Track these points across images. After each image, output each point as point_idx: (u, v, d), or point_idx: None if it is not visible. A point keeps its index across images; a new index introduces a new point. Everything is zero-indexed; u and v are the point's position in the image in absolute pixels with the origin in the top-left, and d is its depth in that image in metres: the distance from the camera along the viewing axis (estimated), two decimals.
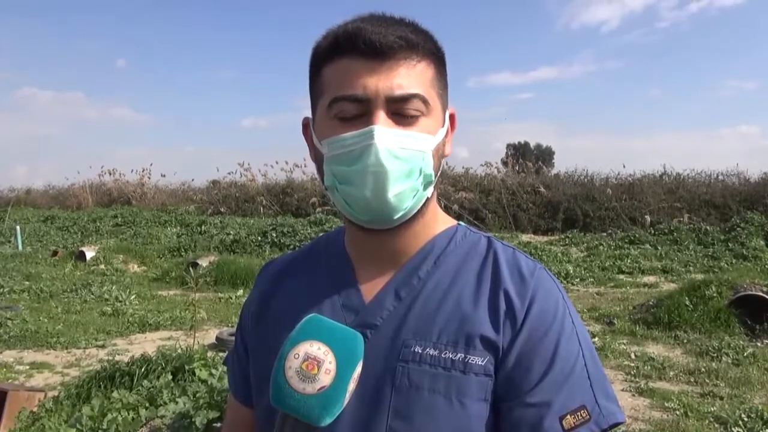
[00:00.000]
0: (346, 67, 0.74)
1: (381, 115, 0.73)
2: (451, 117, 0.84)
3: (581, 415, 0.72)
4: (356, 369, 0.68)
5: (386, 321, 0.78)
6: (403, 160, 0.73)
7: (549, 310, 0.77)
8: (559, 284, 0.81)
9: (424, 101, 0.75)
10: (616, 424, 0.74)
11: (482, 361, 0.74)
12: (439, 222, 0.86)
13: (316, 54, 0.79)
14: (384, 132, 0.72)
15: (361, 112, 0.74)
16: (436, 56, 0.79)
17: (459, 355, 0.74)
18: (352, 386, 0.68)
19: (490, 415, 0.74)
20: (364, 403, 0.75)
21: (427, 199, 0.79)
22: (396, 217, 0.75)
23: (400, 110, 0.74)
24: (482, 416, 0.73)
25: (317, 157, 0.80)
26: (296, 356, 0.66)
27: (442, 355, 0.74)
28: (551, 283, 0.80)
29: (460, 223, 0.89)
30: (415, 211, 0.78)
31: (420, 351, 0.75)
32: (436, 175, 0.78)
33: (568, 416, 0.71)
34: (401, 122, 0.74)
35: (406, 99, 0.74)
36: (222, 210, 19.77)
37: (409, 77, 0.74)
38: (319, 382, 0.65)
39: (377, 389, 0.75)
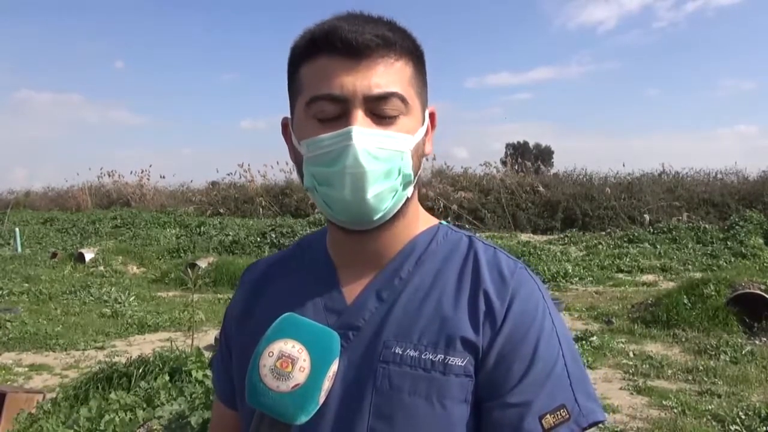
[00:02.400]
0: (323, 66, 0.74)
1: (359, 115, 0.72)
2: (431, 115, 0.83)
3: (561, 414, 0.72)
4: (331, 367, 0.68)
5: (368, 322, 0.78)
6: (382, 161, 0.72)
7: (529, 311, 0.76)
8: (540, 284, 0.81)
9: (403, 100, 0.75)
10: (596, 423, 0.74)
11: (462, 362, 0.73)
12: (421, 222, 0.85)
13: (293, 53, 0.79)
14: (362, 132, 0.71)
15: (339, 112, 0.73)
16: (414, 55, 0.78)
17: (439, 356, 0.73)
18: (327, 384, 0.68)
19: (470, 416, 0.74)
20: (345, 403, 0.75)
21: (408, 199, 0.79)
22: (375, 217, 0.75)
23: (378, 109, 0.74)
24: (463, 417, 0.73)
25: (297, 158, 0.79)
26: (270, 354, 0.67)
27: (422, 357, 0.74)
28: (532, 283, 0.79)
29: (442, 222, 0.89)
30: (395, 211, 0.77)
31: (400, 352, 0.74)
32: (415, 175, 0.77)
33: (548, 416, 0.71)
34: (380, 122, 0.74)
35: (384, 98, 0.73)
36: (221, 211, 19.79)
37: (386, 76, 0.74)
38: (293, 380, 0.65)
39: (359, 390, 0.75)
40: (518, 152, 32.07)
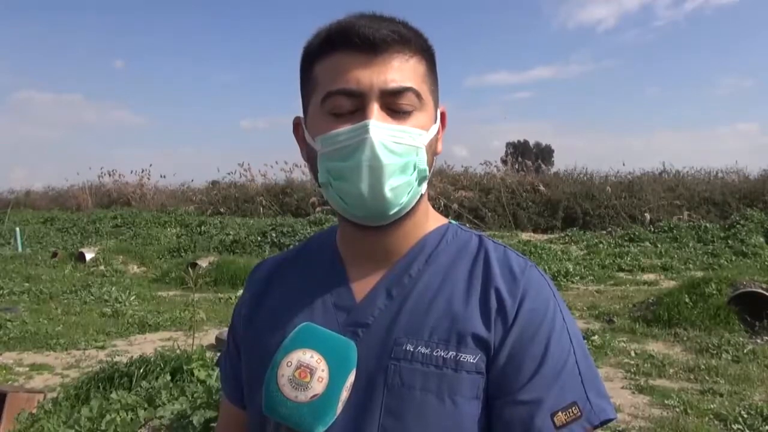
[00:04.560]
0: (339, 61, 0.74)
1: (375, 109, 0.72)
2: (442, 115, 0.83)
3: (572, 411, 0.72)
4: (349, 377, 0.68)
5: (378, 320, 0.78)
6: (398, 155, 0.73)
7: (540, 308, 0.76)
8: (550, 282, 0.81)
9: (418, 95, 0.75)
10: (608, 421, 0.74)
11: (474, 359, 0.73)
12: (431, 220, 0.85)
13: (307, 52, 0.79)
14: (379, 126, 0.72)
15: (355, 107, 0.73)
16: (427, 53, 0.79)
17: (450, 353, 0.73)
18: (345, 395, 0.68)
19: (482, 413, 0.74)
20: (356, 402, 0.74)
21: (421, 195, 0.79)
22: (392, 212, 0.75)
23: (394, 104, 0.74)
24: (474, 414, 0.73)
25: (310, 155, 0.79)
26: (289, 364, 0.66)
27: (434, 353, 0.73)
28: (542, 281, 0.79)
29: (452, 221, 0.89)
30: (410, 207, 0.77)
31: (412, 349, 0.74)
32: (429, 171, 0.78)
33: (560, 413, 0.71)
34: (395, 117, 0.74)
35: (400, 92, 0.74)
36: (221, 210, 19.79)
37: (402, 71, 0.74)
38: (311, 390, 0.65)
39: (369, 388, 0.74)
40: (518, 151, 32.10)
